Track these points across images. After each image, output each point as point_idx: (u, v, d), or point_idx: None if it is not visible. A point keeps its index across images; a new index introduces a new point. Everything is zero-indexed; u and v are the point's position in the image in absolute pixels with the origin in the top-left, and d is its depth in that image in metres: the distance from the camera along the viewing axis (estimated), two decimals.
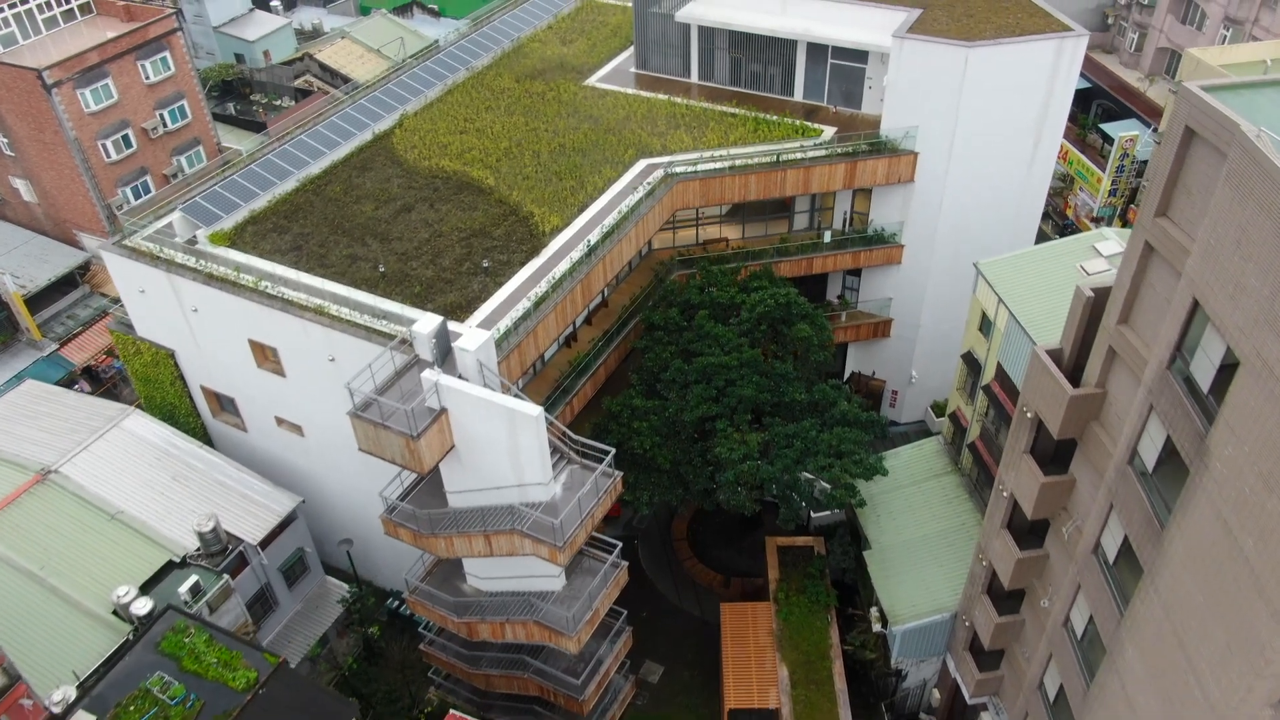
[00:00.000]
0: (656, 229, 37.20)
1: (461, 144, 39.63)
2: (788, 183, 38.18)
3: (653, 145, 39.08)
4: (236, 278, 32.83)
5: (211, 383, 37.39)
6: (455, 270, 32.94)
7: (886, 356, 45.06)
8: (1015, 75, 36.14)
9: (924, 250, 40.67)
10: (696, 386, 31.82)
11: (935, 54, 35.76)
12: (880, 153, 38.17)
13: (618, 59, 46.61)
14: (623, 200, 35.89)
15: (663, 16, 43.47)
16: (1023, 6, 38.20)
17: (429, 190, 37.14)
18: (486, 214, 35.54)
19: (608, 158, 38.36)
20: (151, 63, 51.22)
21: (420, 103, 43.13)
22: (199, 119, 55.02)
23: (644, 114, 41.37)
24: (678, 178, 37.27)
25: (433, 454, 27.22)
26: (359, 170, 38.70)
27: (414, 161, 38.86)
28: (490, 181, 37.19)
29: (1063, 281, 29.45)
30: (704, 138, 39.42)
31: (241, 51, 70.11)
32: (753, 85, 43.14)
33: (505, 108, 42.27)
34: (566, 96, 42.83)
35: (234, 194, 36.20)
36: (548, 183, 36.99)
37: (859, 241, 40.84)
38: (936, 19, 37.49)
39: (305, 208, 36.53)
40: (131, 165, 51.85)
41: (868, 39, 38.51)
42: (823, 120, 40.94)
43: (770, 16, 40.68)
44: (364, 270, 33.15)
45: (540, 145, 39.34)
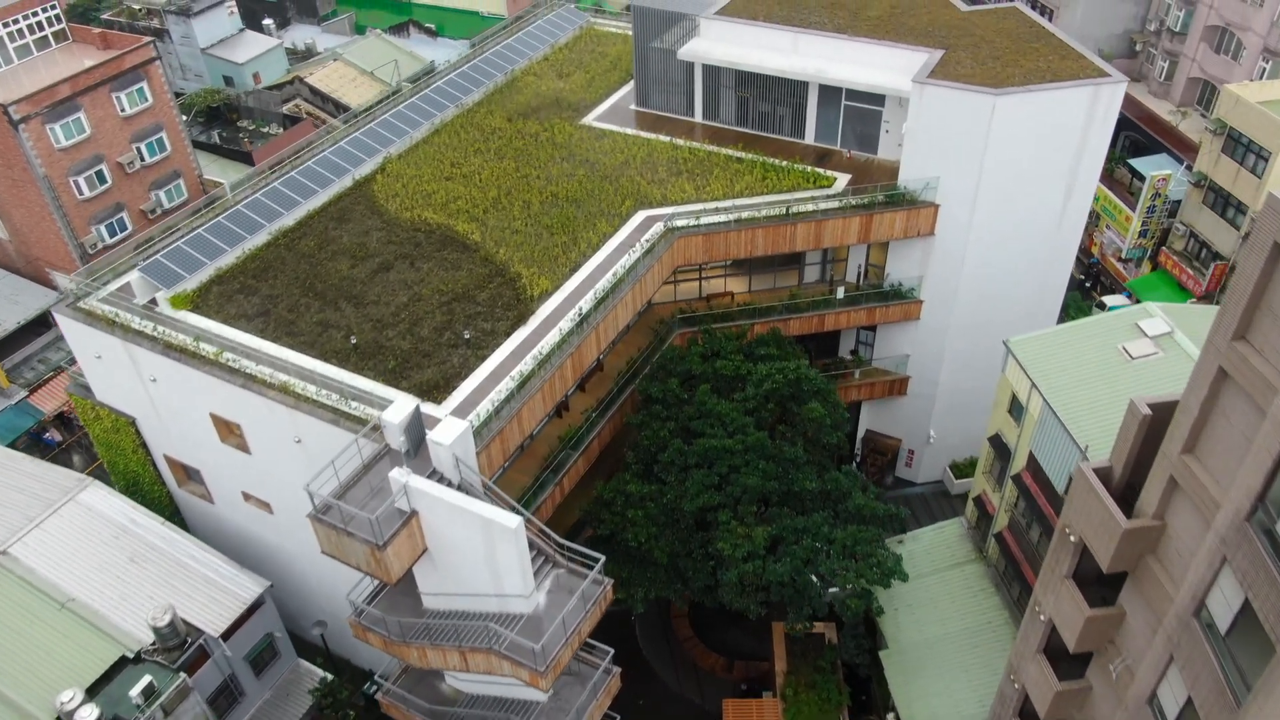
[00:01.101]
0: (656, 289, 34.39)
1: (447, 192, 36.87)
2: (798, 237, 35.33)
3: (652, 195, 36.27)
4: (196, 348, 30.14)
5: (175, 453, 34.72)
6: (434, 341, 30.17)
7: (902, 414, 42.15)
8: (1046, 123, 33.22)
9: (944, 306, 37.76)
10: (697, 472, 29.00)
11: (959, 101, 32.87)
12: (898, 205, 35.29)
13: (617, 94, 43.79)
14: (619, 259, 33.08)
15: (664, 52, 40.65)
16: (1053, 47, 35.27)
17: (410, 246, 34.38)
18: (471, 274, 32.77)
19: (603, 209, 35.55)
20: (127, 94, 48.60)
21: (406, 143, 40.39)
22: (179, 151, 52.39)
23: (644, 158, 38.55)
24: (679, 232, 34.45)
25: (402, 562, 24.46)
26: (336, 221, 35.98)
27: (395, 212, 36.11)
28: (476, 237, 34.42)
29: (1103, 365, 26.55)
30: (708, 186, 36.58)
31: (230, 74, 67.56)
32: (761, 126, 40.29)
33: (495, 150, 39.50)
34: (561, 138, 40.04)
35: (199, 250, 33.50)
36: (538, 238, 34.20)
37: (874, 297, 37.94)
38: (960, 61, 34.59)
39: (276, 265, 33.82)
40: (106, 202, 49.25)
41: (885, 82, 35.62)
42: (836, 166, 38.08)
43: (780, 55, 37.81)
44: (335, 340, 30.41)
45: (531, 194, 36.55)
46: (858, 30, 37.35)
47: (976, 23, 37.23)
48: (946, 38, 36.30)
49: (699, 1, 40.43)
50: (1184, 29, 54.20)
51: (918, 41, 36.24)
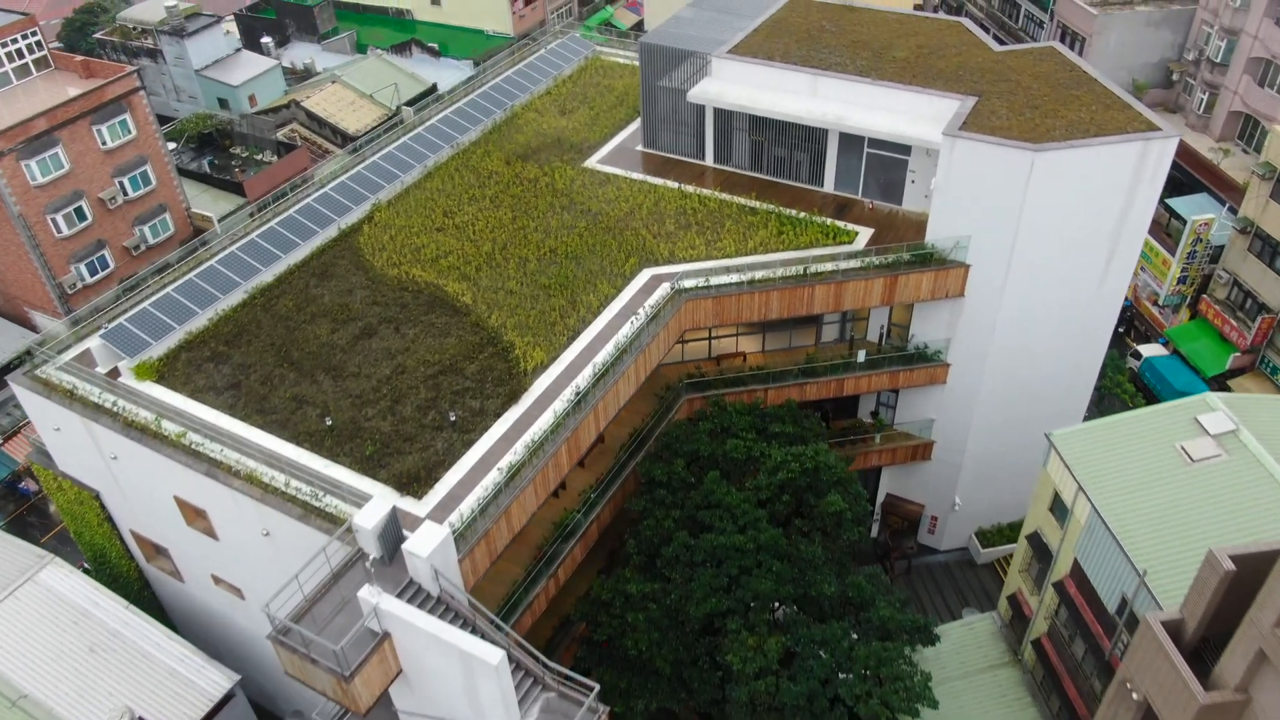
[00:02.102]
0: (661, 357, 31.69)
1: (438, 246, 34.26)
2: (816, 300, 32.57)
3: (659, 251, 33.57)
4: (158, 428, 27.61)
5: (141, 530, 32.23)
6: (417, 423, 27.55)
7: (926, 479, 39.31)
8: (1090, 181, 30.38)
9: (974, 370, 34.92)
10: (704, 571, 26.30)
11: (995, 156, 30.06)
12: (926, 265, 32.48)
13: (623, 134, 41.11)
14: (622, 325, 30.41)
15: (673, 92, 37.94)
16: (1096, 95, 32.40)
17: (396, 307, 31.79)
18: (460, 343, 30.15)
19: (605, 267, 32.88)
20: (109, 127, 46.26)
21: (396, 189, 37.81)
22: (165, 184, 50.03)
23: (650, 207, 35.85)
24: (687, 294, 31.75)
25: (372, 690, 21.85)
26: (318, 277, 33.42)
27: (381, 268, 33.52)
28: (467, 298, 31.79)
29: (1159, 468, 23.72)
30: (719, 242, 33.86)
31: (225, 96, 65.21)
32: (776, 172, 37.54)
33: (491, 197, 36.87)
34: (562, 183, 37.38)
35: (167, 313, 30.99)
36: (534, 301, 31.56)
37: (898, 360, 35.14)
38: (994, 110, 31.76)
39: (251, 328, 31.29)
40: (87, 239, 46.93)
41: (912, 132, 32.82)
42: (857, 218, 35.29)
43: (798, 99, 35.04)
44: (310, 420, 27.82)
45: (528, 249, 33.90)
46: (882, 73, 34.57)
47: (1011, 65, 34.39)
48: (979, 83, 33.48)
49: (710, 38, 37.72)
50: (1225, 60, 51.17)
51: (948, 86, 33.42)
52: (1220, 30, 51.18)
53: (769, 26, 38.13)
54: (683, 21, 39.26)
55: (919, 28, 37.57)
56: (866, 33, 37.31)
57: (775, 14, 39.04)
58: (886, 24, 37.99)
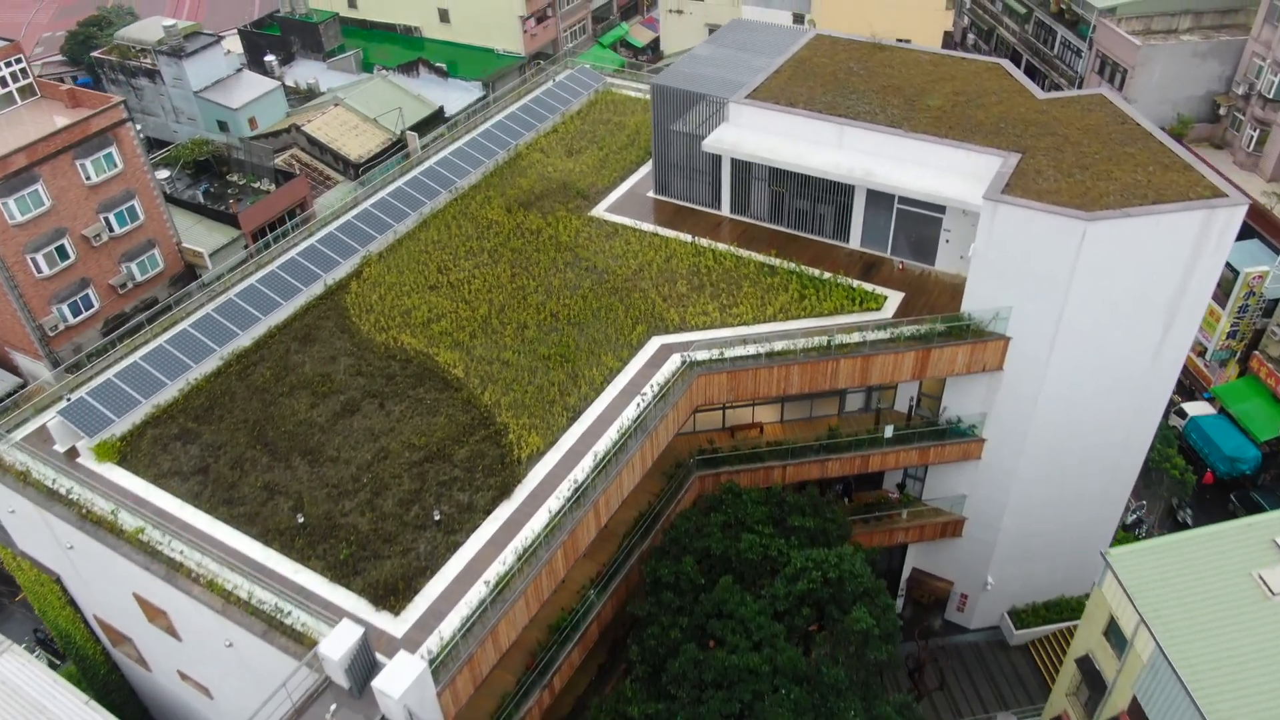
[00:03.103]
0: (670, 437, 28.95)
1: (430, 308, 31.64)
2: (840, 374, 29.77)
3: (669, 317, 30.84)
4: (115, 521, 25.11)
5: (104, 617, 29.80)
6: (398, 519, 24.92)
7: (956, 555, 36.39)
8: (1147, 251, 27.43)
9: (1013, 447, 32.01)
10: (714, 694, 23.57)
11: (1042, 224, 27.16)
12: (962, 337, 29.62)
13: (633, 178, 38.39)
14: (626, 406, 27.71)
15: (687, 137, 35.20)
16: (1152, 153, 29.44)
17: (381, 380, 29.20)
18: (450, 423, 27.52)
19: (610, 336, 30.18)
20: (93, 161, 43.89)
21: (389, 239, 35.24)
22: (154, 219, 47.66)
23: (660, 264, 33.12)
24: (700, 369, 29.02)
25: None
26: (300, 342, 30.88)
27: (368, 333, 30.95)
28: (459, 371, 29.16)
29: (1233, 601, 20.82)
30: (735, 307, 31.09)
31: (225, 119, 62.94)
32: (798, 225, 34.73)
33: (490, 251, 34.24)
34: (567, 235, 34.70)
35: (134, 384, 28.52)
36: (532, 374, 28.90)
37: (929, 435, 32.28)
38: (1040, 170, 28.85)
39: (224, 401, 28.77)
40: (69, 278, 44.59)
41: (949, 192, 29.95)
42: (886, 279, 32.44)
43: (822, 151, 32.20)
44: (281, 514, 25.25)
45: (527, 313, 31.24)
46: (915, 123, 31.71)
47: (1058, 117, 31.45)
48: (1022, 137, 30.56)
49: (727, 80, 34.94)
50: (1279, 95, 47.95)
51: (988, 140, 30.53)
52: (1273, 63, 47.97)
53: (791, 67, 35.33)
54: (698, 60, 36.50)
55: (954, 70, 34.67)
56: (897, 76, 34.44)
57: (798, 53, 36.23)
58: (919, 65, 35.11)
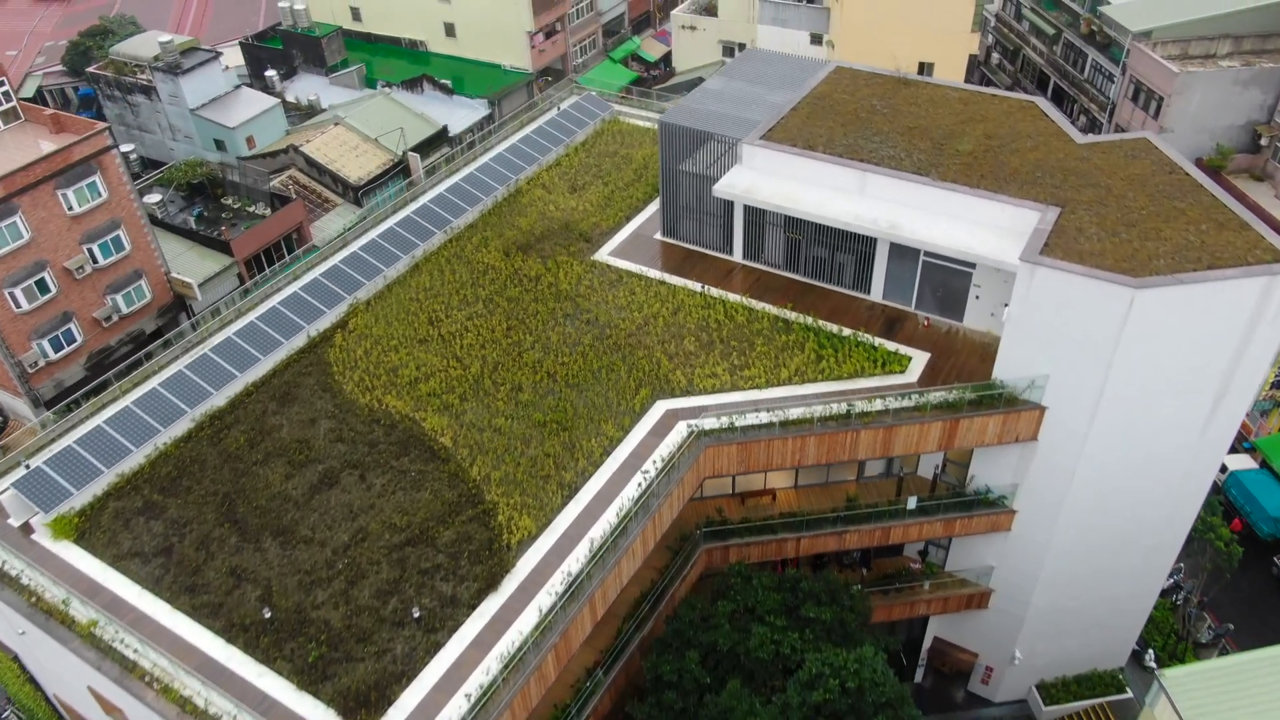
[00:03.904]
0: (675, 515, 26.66)
1: (418, 365, 29.45)
2: (860, 445, 27.42)
3: (675, 379, 28.55)
4: (66, 612, 23.01)
5: (65, 699, 27.73)
6: (375, 614, 22.72)
7: (981, 627, 33.95)
8: (1201, 320, 24.97)
9: (1046, 520, 29.59)
10: None
11: (1085, 290, 24.74)
12: (993, 406, 27.23)
13: (640, 217, 36.12)
14: (627, 484, 25.44)
15: (697, 178, 32.91)
16: (1204, 209, 26.96)
17: (364, 447, 27.02)
18: (435, 499, 25.31)
19: (612, 400, 27.91)
20: (76, 191, 41.94)
21: (379, 284, 33.09)
22: (141, 248, 45.72)
23: (667, 318, 30.83)
24: (708, 439, 26.73)
25: None
26: (279, 402, 28.75)
27: (351, 392, 28.78)
28: (446, 439, 26.95)
29: None
30: (746, 368, 28.77)
31: (222, 137, 60.99)
32: (815, 274, 32.38)
33: (485, 300, 32.03)
34: (567, 283, 32.45)
35: (96, 452, 26.43)
36: (526, 444, 26.66)
37: (955, 506, 29.89)
38: (1082, 226, 26.42)
39: (194, 470, 26.65)
40: (50, 312, 42.67)
41: (982, 248, 27.55)
42: (910, 337, 30.06)
43: (843, 199, 29.84)
44: (248, 604, 23.09)
45: (523, 372, 29.01)
46: (944, 170, 29.31)
47: (1099, 165, 29.00)
48: (1061, 187, 28.13)
49: (740, 118, 32.62)
50: None
51: (1024, 191, 28.10)
52: None
53: (810, 105, 32.97)
54: (709, 95, 34.18)
55: (986, 110, 32.24)
56: (924, 115, 32.04)
57: (817, 88, 33.86)
58: (947, 103, 32.70)
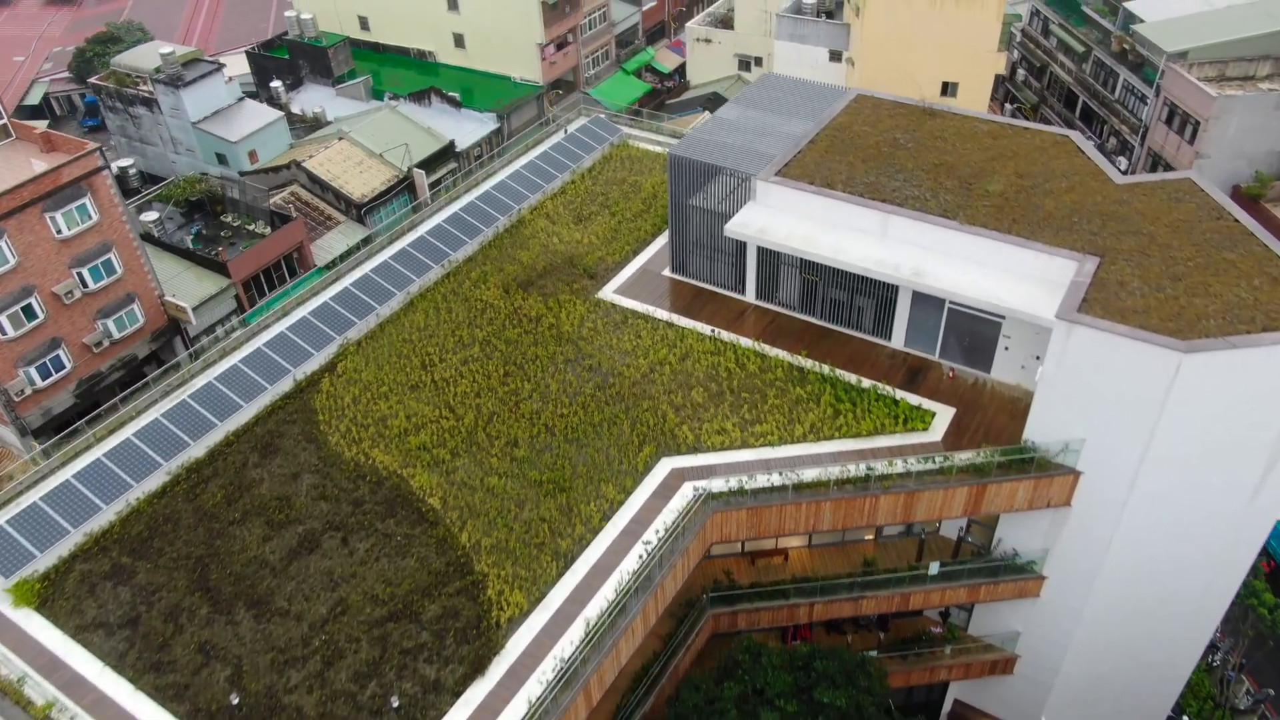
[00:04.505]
0: (679, 587, 24.80)
1: (408, 414, 27.71)
2: (880, 511, 25.51)
3: (682, 435, 26.69)
4: (19, 692, 21.38)
5: None
6: (351, 700, 20.97)
7: (1005, 692, 31.93)
8: (1253, 384, 22.93)
9: (1078, 587, 27.58)
10: None
11: (1127, 352, 22.75)
12: (1024, 471, 25.25)
13: (648, 251, 34.28)
14: (628, 553, 23.61)
15: (708, 214, 31.06)
16: (1257, 260, 24.88)
17: (348, 506, 25.29)
18: (421, 568, 23.55)
19: (613, 458, 26.08)
20: (64, 214, 40.43)
21: (372, 322, 31.39)
22: (134, 271, 44.22)
23: (675, 365, 28.98)
24: (716, 503, 24.86)
25: None
26: (260, 453, 27.07)
27: (337, 444, 27.07)
28: (435, 500, 25.18)
29: None
30: (758, 424, 26.87)
31: (224, 151, 59.57)
32: (832, 317, 30.45)
33: (483, 342, 30.27)
34: (569, 324, 30.65)
35: (63, 509, 24.82)
36: (520, 507, 24.87)
37: (980, 572, 27.93)
38: (1123, 280, 24.40)
39: (166, 530, 24.99)
40: (38, 339, 41.19)
41: (1014, 300, 25.53)
42: (933, 389, 28.08)
43: (864, 243, 27.89)
44: (215, 686, 21.39)
45: (519, 425, 27.22)
46: (973, 212, 27.32)
47: (1140, 209, 26.95)
48: (1100, 234, 26.10)
49: (754, 151, 30.72)
50: None
51: (1059, 238, 26.09)
52: None
53: (829, 137, 31.04)
54: (722, 126, 32.30)
55: (1016, 144, 30.22)
56: (951, 150, 30.06)
57: (837, 119, 31.92)
58: (975, 137, 30.70)
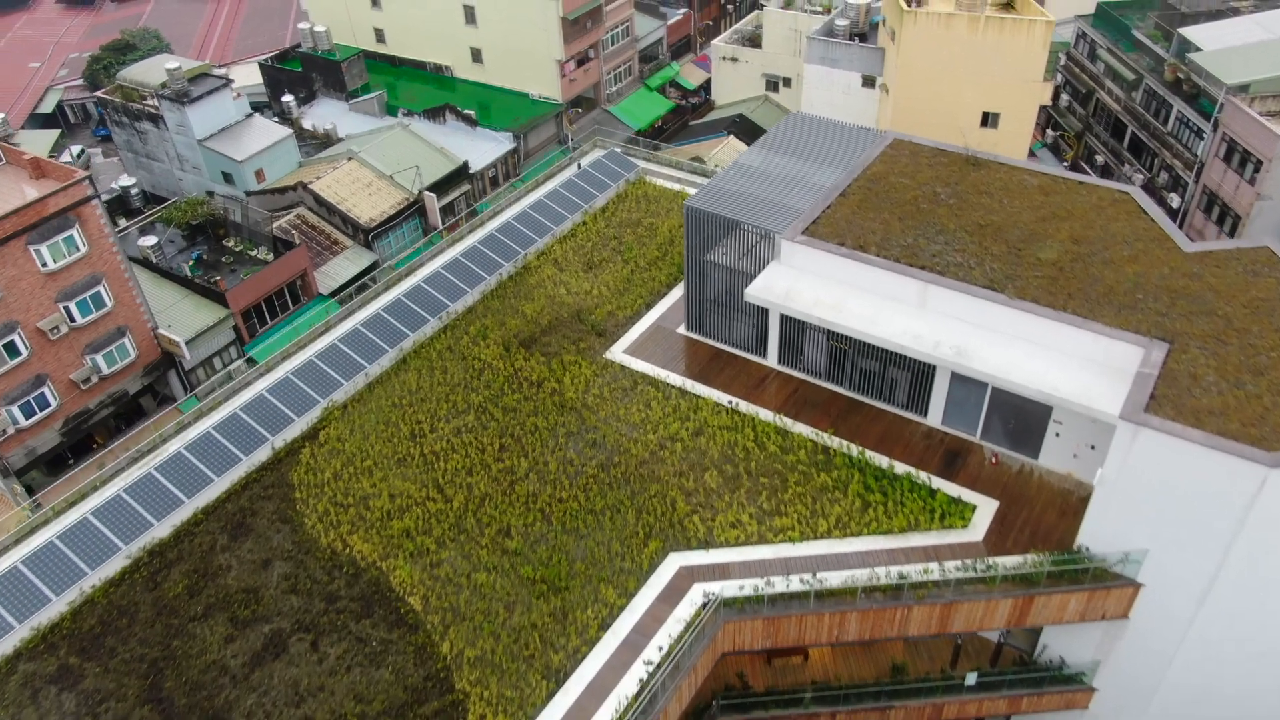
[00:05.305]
0: (684, 708, 22.13)
1: (394, 494, 25.25)
2: (912, 622, 22.72)
3: (693, 526, 24.03)
4: None
5: None
6: None
7: None
8: None
9: (1134, 705, 24.67)
10: None
11: (1202, 462, 19.87)
12: (1077, 582, 22.40)
13: (663, 305, 31.67)
14: (627, 670, 21.01)
15: (727, 271, 28.39)
16: None
17: (321, 602, 22.87)
18: (397, 683, 21.06)
19: (615, 553, 23.48)
20: (50, 246, 38.45)
21: (360, 383, 29.00)
22: (126, 304, 42.17)
23: (687, 440, 26.33)
24: (729, 611, 22.20)
25: None
26: (230, 535, 24.71)
27: (313, 527, 24.65)
28: (416, 600, 22.69)
29: None
30: (778, 515, 24.15)
31: (230, 170, 57.55)
32: (862, 389, 27.68)
33: (478, 409, 27.77)
34: (573, 391, 28.09)
35: (10, 600, 22.55)
36: (509, 609, 22.33)
37: (1023, 683, 25.07)
38: (1196, 372, 21.48)
39: (121, 624, 22.68)
40: (21, 376, 39.22)
41: (1069, 389, 22.62)
42: (973, 477, 25.24)
43: (900, 314, 25.06)
44: None
45: (513, 510, 24.68)
46: (1023, 285, 24.44)
47: (1213, 284, 23.98)
48: (1168, 314, 23.16)
49: (778, 204, 27.98)
50: None
51: (1122, 318, 23.15)
52: None
53: (862, 188, 28.25)
54: (743, 173, 29.59)
55: (1071, 203, 27.29)
56: (997, 208, 27.19)
57: (871, 167, 29.12)
58: (1024, 192, 27.81)
